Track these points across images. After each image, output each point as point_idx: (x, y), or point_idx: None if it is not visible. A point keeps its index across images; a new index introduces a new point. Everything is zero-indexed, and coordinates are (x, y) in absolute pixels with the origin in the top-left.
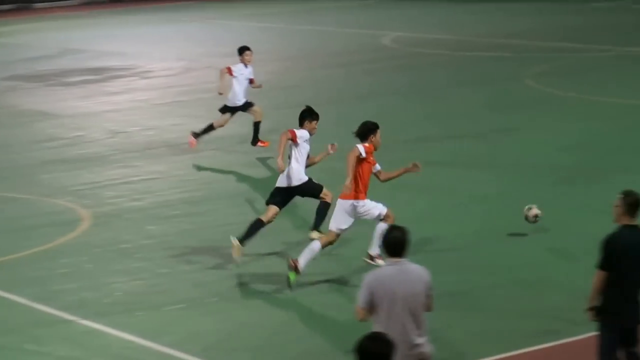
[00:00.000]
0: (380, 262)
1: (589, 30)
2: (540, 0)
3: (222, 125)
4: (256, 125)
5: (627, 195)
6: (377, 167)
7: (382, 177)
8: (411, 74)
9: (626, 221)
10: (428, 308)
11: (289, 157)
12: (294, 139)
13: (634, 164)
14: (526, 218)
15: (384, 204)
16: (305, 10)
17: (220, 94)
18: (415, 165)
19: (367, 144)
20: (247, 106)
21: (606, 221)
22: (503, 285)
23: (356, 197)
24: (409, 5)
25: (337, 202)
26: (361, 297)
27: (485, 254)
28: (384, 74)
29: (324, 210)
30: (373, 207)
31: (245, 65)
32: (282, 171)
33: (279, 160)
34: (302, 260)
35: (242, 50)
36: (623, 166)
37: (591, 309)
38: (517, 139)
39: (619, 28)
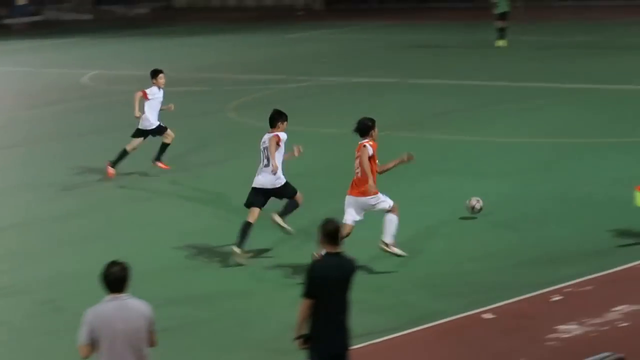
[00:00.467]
0: (395, 250)
1: (287, 61)
2: (236, 33)
3: (134, 149)
4: (164, 146)
5: (325, 224)
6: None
7: (379, 169)
8: (103, 113)
9: (328, 249)
10: (151, 343)
11: (266, 159)
12: (279, 143)
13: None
14: (472, 209)
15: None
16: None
17: (137, 117)
18: (410, 156)
19: (371, 142)
20: (159, 130)
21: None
22: (213, 318)
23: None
24: (110, 42)
25: (353, 199)
26: (82, 334)
27: (188, 284)
28: (77, 114)
29: (293, 206)
30: (383, 201)
31: (159, 88)
32: (275, 173)
33: (275, 163)
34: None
35: (155, 73)
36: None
37: (299, 337)
38: (219, 171)
39: (314, 58)
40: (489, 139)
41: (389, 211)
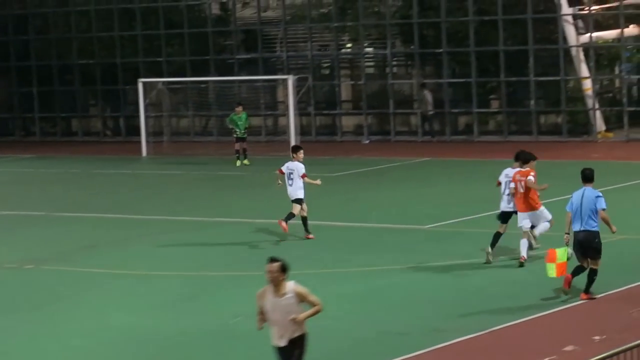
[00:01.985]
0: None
1: None
2: None
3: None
4: None
5: None
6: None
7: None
8: None
9: None
10: None
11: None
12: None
13: None
14: None
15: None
16: None
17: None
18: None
19: (533, 172)
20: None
21: None
22: None
23: (538, 207)
24: None
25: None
26: None
27: None
28: None
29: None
30: (546, 212)
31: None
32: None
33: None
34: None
35: (296, 149)
36: None
37: None
38: None
39: None
40: (132, 272)
41: (548, 221)
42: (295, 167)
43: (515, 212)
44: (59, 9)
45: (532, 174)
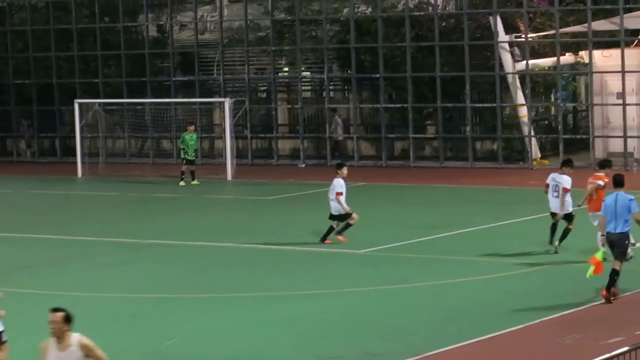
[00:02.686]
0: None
1: None
2: None
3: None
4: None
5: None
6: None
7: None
8: None
9: None
10: None
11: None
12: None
13: None
14: None
15: None
16: None
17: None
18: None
19: (606, 178)
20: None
21: None
22: None
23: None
24: None
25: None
26: None
27: None
28: None
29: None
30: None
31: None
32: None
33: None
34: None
35: (340, 165)
36: None
37: None
38: None
39: None
40: (66, 293)
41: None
42: (335, 184)
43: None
44: None
45: (604, 179)
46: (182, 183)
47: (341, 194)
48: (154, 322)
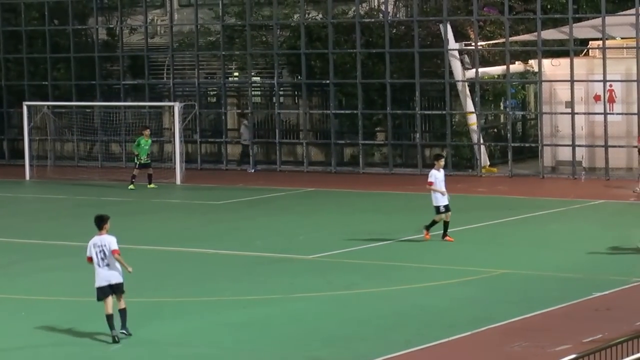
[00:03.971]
0: None
1: None
2: None
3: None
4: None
5: None
6: None
7: None
8: None
9: None
10: None
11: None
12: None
13: None
14: None
15: None
16: None
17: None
18: None
19: None
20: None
21: None
22: None
23: None
24: None
25: None
26: None
27: None
28: None
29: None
30: None
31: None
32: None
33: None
34: None
35: (438, 157)
36: None
37: None
38: None
39: None
40: (12, 296)
41: None
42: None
43: None
44: None
45: None
46: (131, 187)
47: (432, 183)
48: (99, 326)
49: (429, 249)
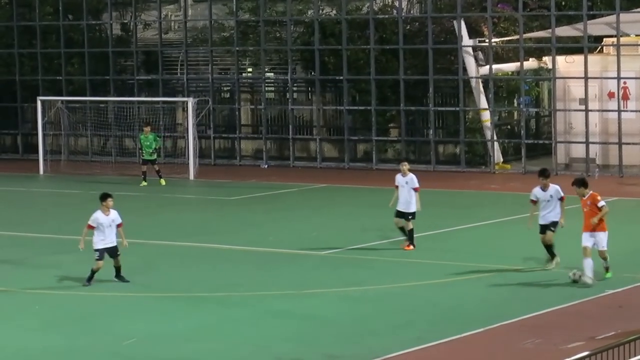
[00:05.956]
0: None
1: None
2: None
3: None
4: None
5: None
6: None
7: None
8: None
9: None
10: None
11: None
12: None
13: None
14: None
15: None
16: None
17: None
18: None
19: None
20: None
21: None
22: None
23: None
24: None
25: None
26: None
27: None
28: None
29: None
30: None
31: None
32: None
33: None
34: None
35: None
36: None
37: None
38: None
39: None
40: (24, 290)
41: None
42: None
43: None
44: None
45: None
46: (144, 183)
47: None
48: (112, 321)
49: (441, 245)
